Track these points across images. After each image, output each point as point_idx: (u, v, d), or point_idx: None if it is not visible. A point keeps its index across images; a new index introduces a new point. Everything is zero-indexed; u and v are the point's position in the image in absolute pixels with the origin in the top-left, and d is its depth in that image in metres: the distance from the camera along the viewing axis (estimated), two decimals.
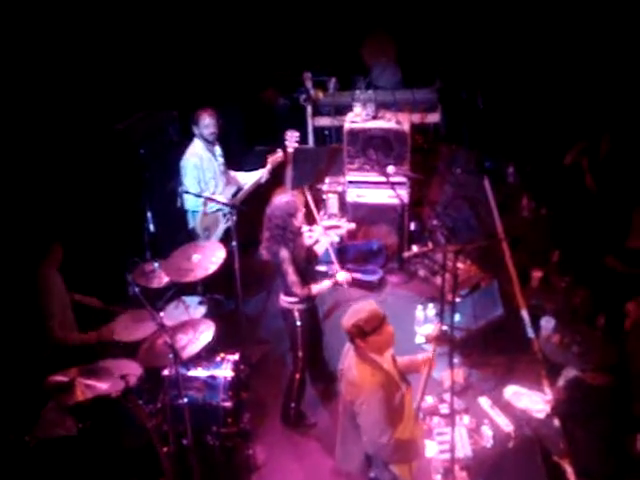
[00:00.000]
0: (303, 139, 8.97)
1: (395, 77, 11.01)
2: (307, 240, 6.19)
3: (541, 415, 6.45)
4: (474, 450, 6.16)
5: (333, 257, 6.54)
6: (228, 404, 5.94)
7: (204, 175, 7.39)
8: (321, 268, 7.28)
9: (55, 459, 5.36)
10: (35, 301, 6.12)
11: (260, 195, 7.61)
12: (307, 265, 6.21)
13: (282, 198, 6.00)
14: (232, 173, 7.73)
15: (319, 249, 6.43)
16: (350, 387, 4.71)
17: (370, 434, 4.64)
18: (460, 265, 7.42)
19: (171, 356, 5.28)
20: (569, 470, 5.97)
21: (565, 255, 7.89)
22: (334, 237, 6.74)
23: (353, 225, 6.99)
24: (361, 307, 4.69)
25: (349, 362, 4.77)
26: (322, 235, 6.37)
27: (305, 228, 6.16)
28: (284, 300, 6.19)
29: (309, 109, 10.65)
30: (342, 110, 9.81)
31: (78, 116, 7.12)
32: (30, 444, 5.43)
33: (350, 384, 4.71)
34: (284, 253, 5.89)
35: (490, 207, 9.28)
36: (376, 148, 8.24)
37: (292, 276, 5.95)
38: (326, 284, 6.23)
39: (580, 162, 8.17)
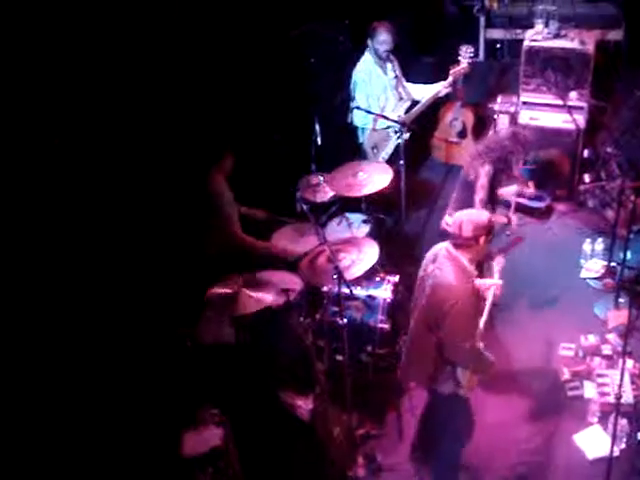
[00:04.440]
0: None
1: None
2: None
3: None
4: (636, 397, 5.92)
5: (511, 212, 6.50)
6: (385, 326, 5.94)
7: (372, 90, 7.21)
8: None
9: (212, 366, 5.52)
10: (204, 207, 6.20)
11: (429, 111, 7.39)
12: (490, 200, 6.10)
13: (510, 131, 6.09)
14: (408, 86, 7.48)
15: (505, 194, 6.40)
16: (440, 289, 4.66)
17: (454, 337, 4.62)
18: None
19: (335, 276, 5.25)
20: None
21: None
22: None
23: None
24: (479, 213, 4.93)
25: (439, 266, 4.72)
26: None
27: None
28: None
29: (482, 20, 10.10)
30: (516, 22, 9.32)
31: (251, 21, 7.01)
32: (190, 349, 5.61)
33: (441, 286, 4.66)
34: (488, 168, 5.85)
35: None
36: (555, 69, 7.77)
37: (483, 194, 5.86)
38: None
39: None
